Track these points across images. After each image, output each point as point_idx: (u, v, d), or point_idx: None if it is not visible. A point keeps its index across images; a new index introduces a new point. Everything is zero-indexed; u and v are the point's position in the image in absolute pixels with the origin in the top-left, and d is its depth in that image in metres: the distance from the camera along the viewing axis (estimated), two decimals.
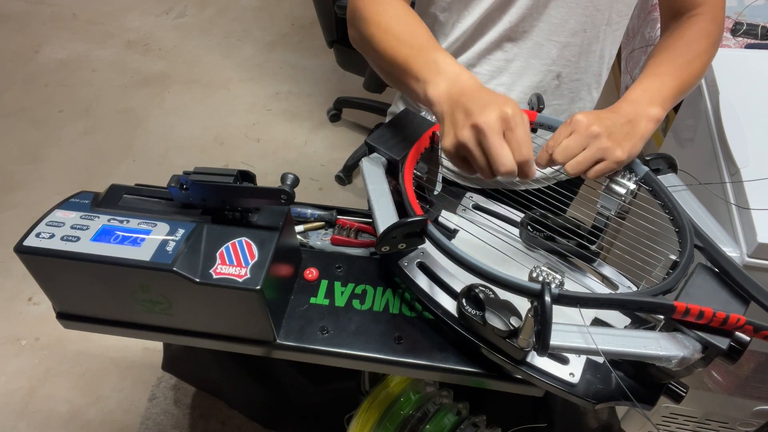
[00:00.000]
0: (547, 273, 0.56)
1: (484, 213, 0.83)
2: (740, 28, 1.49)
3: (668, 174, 0.73)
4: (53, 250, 0.65)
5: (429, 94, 0.63)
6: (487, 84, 0.86)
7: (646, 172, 0.70)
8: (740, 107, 1.09)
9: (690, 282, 0.57)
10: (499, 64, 0.84)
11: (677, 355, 0.53)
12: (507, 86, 0.86)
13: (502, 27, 0.80)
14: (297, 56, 2.78)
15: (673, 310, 0.52)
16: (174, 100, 2.61)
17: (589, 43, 0.83)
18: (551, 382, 0.61)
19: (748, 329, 0.52)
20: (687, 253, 0.59)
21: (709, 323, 0.52)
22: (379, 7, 0.72)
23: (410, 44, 0.68)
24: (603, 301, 0.54)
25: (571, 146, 0.64)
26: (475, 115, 0.56)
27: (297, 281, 0.77)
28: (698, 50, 0.78)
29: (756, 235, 0.91)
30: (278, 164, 2.32)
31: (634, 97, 0.72)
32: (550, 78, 0.85)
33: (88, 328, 0.76)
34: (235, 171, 0.67)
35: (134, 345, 1.73)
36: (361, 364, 0.72)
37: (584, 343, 0.54)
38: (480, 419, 0.95)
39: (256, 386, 1.09)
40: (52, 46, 2.87)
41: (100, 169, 2.31)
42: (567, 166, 0.65)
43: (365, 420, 0.95)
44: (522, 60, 0.83)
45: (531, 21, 0.79)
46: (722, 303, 0.56)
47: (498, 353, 0.62)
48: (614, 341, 0.55)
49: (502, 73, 0.85)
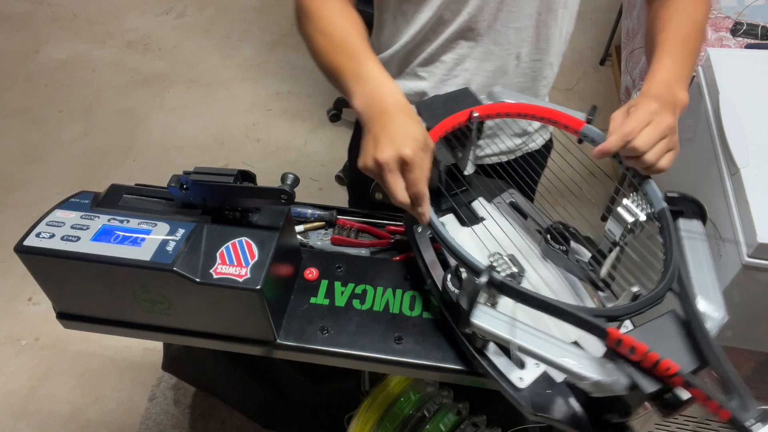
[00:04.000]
0: (504, 262, 0.61)
1: (517, 212, 0.84)
2: (740, 28, 1.49)
3: (693, 220, 0.68)
4: (53, 250, 0.65)
5: (353, 104, 0.69)
6: (452, 71, 0.89)
7: (663, 208, 0.67)
8: (740, 107, 1.09)
9: (654, 322, 0.56)
10: (462, 51, 0.87)
11: (591, 378, 0.52)
12: (471, 71, 0.89)
13: (462, 18, 0.82)
14: (297, 56, 2.78)
15: (605, 336, 0.52)
16: (174, 100, 2.61)
17: (546, 26, 0.85)
18: (499, 379, 0.63)
19: (678, 380, 0.49)
20: (655, 292, 0.57)
21: (640, 361, 0.51)
22: (321, 6, 0.76)
23: (343, 51, 0.72)
24: (542, 303, 0.55)
25: (654, 136, 0.67)
26: (379, 150, 0.62)
27: (297, 281, 0.77)
28: (697, 22, 0.79)
29: (756, 235, 0.91)
30: (278, 164, 2.32)
31: (667, 82, 0.72)
32: (510, 60, 0.88)
33: (88, 328, 0.76)
34: (235, 171, 0.67)
35: (134, 345, 1.73)
36: (361, 364, 0.72)
37: (504, 332, 0.56)
38: (480, 419, 0.95)
39: (256, 386, 1.09)
40: (52, 46, 2.87)
41: (100, 169, 2.31)
42: (648, 155, 0.67)
43: (365, 420, 0.95)
44: (483, 47, 0.86)
45: (489, 11, 0.82)
46: (675, 353, 0.53)
47: (463, 337, 0.65)
48: (535, 342, 0.55)
49: (464, 61, 0.88)
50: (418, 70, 0.91)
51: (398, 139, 0.62)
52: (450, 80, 0.90)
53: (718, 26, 1.52)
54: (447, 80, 0.90)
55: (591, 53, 2.81)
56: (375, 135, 0.64)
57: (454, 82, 0.90)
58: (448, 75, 0.89)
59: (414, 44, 0.88)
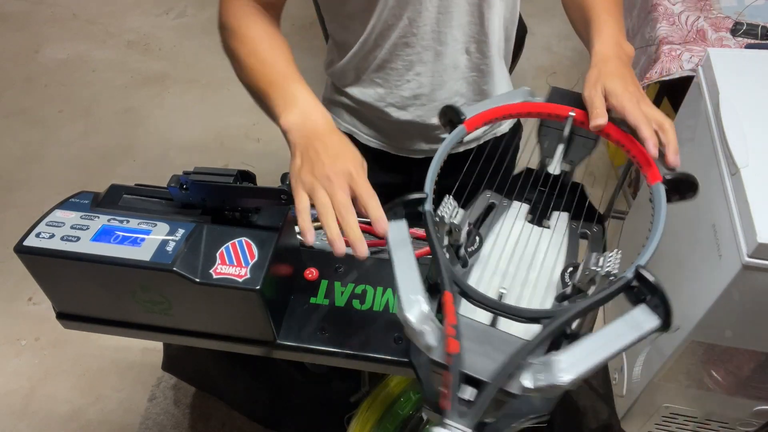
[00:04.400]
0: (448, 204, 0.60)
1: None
2: (740, 28, 1.49)
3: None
4: (53, 250, 0.65)
5: (282, 123, 0.68)
6: (404, 75, 0.90)
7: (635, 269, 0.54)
8: (740, 107, 1.09)
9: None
10: (410, 57, 0.88)
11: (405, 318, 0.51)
12: (424, 75, 0.90)
13: (403, 24, 0.84)
14: (297, 56, 2.76)
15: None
16: (174, 100, 2.61)
17: (480, 17, 0.85)
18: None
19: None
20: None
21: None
22: (244, 22, 0.76)
23: (271, 70, 0.73)
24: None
25: (656, 112, 0.64)
26: (318, 166, 0.61)
27: (297, 281, 0.77)
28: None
29: (756, 235, 0.91)
30: (278, 164, 2.32)
31: (617, 40, 0.72)
32: (459, 55, 0.89)
33: (88, 328, 0.76)
34: (235, 171, 0.67)
35: (134, 345, 1.73)
36: (361, 364, 0.72)
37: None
38: None
39: (256, 386, 1.09)
40: (52, 46, 2.87)
41: (100, 169, 2.31)
42: (675, 161, 0.63)
43: (365, 420, 0.96)
44: (430, 50, 0.87)
45: (425, 14, 0.82)
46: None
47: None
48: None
49: (414, 66, 0.89)
50: (373, 76, 0.92)
51: (339, 157, 0.62)
52: (404, 85, 0.91)
53: (718, 26, 1.51)
54: (401, 85, 0.91)
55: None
56: (311, 160, 0.63)
57: (408, 86, 0.91)
58: (400, 80, 0.91)
59: (365, 51, 0.89)
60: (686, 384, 1.22)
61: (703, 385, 1.22)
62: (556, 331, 0.52)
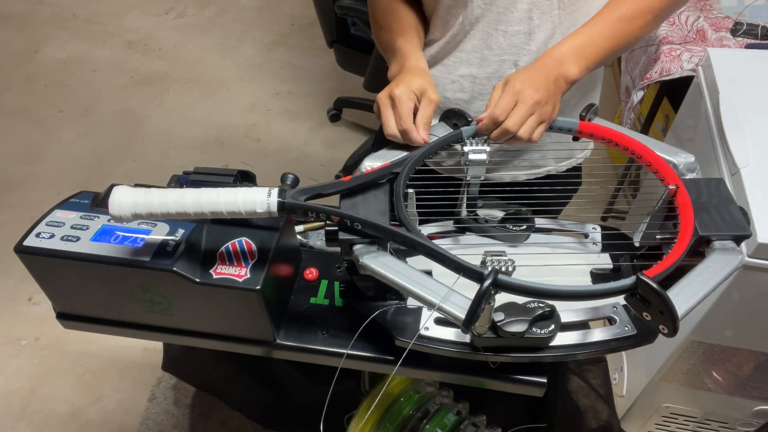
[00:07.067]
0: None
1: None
2: (740, 28, 1.49)
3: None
4: (53, 250, 0.65)
5: (389, 73, 0.85)
6: (452, 74, 0.91)
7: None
8: (740, 107, 1.09)
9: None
10: (460, 55, 0.89)
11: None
12: (470, 78, 0.90)
13: (459, 21, 0.85)
14: (297, 56, 2.78)
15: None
16: (174, 100, 2.61)
17: (540, 30, 0.83)
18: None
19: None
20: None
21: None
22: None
23: (390, 31, 0.89)
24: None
25: (522, 115, 0.71)
26: (381, 92, 0.76)
27: (297, 281, 0.77)
28: (642, 8, 0.77)
29: (756, 235, 0.91)
30: (278, 164, 2.32)
31: (559, 54, 0.75)
32: (506, 67, 0.87)
33: (88, 328, 0.76)
34: (235, 171, 0.67)
35: (134, 345, 1.73)
36: (361, 364, 0.72)
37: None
38: (480, 419, 0.95)
39: (256, 386, 1.09)
40: (52, 46, 2.87)
41: (100, 169, 2.31)
42: (520, 132, 0.71)
43: (365, 420, 0.95)
44: (478, 52, 0.87)
45: (480, 12, 0.83)
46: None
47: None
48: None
49: (462, 65, 0.89)
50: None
51: (396, 84, 0.75)
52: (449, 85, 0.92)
53: (718, 26, 1.51)
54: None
55: None
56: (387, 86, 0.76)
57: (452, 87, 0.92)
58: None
59: (430, 45, 0.93)
60: (686, 384, 1.22)
61: (703, 385, 1.22)
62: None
